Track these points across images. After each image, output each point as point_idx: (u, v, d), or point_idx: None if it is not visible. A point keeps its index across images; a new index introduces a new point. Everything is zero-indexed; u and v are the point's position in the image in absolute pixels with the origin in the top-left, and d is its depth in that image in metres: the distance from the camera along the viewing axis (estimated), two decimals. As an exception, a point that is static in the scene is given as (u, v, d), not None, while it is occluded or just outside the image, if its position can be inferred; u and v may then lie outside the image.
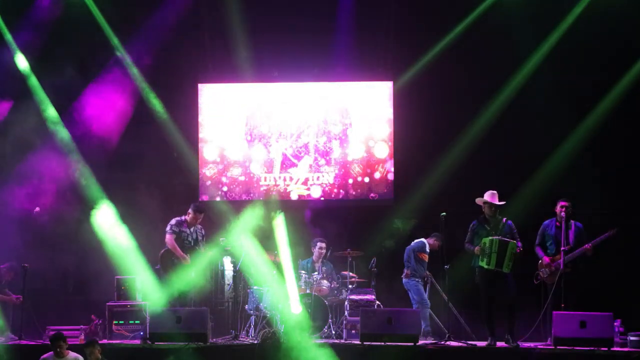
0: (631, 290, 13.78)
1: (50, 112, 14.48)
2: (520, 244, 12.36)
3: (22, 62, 14.41)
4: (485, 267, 12.33)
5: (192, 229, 13.26)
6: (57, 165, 14.35)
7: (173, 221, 13.19)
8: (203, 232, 13.41)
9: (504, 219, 12.52)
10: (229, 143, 15.28)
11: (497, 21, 14.44)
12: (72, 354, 11.27)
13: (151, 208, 14.10)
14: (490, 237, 12.33)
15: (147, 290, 13.28)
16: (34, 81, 14.45)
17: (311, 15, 14.88)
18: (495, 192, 12.55)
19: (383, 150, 15.14)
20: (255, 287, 13.51)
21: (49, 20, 14.45)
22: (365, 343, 12.38)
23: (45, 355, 11.35)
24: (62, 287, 14.88)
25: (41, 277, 14.02)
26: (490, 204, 12.48)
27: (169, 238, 13.06)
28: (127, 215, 13.76)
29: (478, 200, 12.56)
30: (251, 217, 13.82)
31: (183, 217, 13.25)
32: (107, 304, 13.17)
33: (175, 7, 14.81)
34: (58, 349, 11.21)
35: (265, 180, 15.24)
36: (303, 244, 14.14)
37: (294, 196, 15.23)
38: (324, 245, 13.94)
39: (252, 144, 15.28)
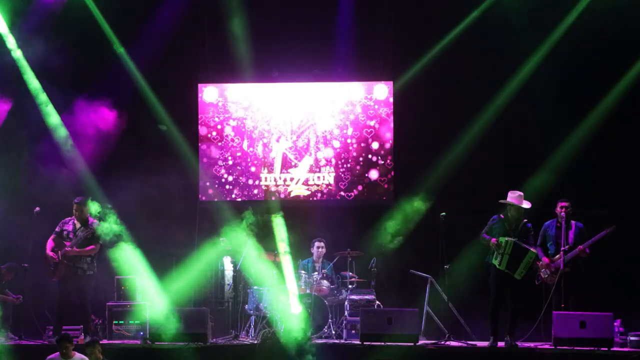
0: (631, 290, 13.77)
1: (49, 111, 14.48)
2: (537, 250, 12.39)
3: (21, 61, 14.40)
4: (497, 266, 12.34)
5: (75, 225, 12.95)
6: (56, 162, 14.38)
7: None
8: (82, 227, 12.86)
9: (525, 221, 12.49)
10: (228, 143, 15.28)
11: (497, 21, 14.43)
12: (78, 355, 11.24)
13: (150, 208, 14.10)
14: (507, 238, 12.31)
15: (148, 291, 13.28)
16: (33, 80, 14.44)
17: (311, 15, 14.91)
18: (521, 193, 12.50)
19: (383, 150, 15.14)
20: (255, 287, 13.52)
21: (49, 19, 14.43)
22: (365, 343, 12.40)
23: (51, 356, 11.33)
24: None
25: (41, 276, 14.00)
26: (517, 207, 12.36)
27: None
28: (126, 214, 13.73)
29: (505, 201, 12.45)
30: (251, 217, 13.82)
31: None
32: (107, 304, 13.17)
33: (176, 6, 14.80)
34: (64, 350, 11.17)
35: (265, 180, 15.23)
36: (303, 244, 14.14)
37: (294, 196, 15.22)
38: (322, 244, 13.94)
39: (252, 144, 15.28)
